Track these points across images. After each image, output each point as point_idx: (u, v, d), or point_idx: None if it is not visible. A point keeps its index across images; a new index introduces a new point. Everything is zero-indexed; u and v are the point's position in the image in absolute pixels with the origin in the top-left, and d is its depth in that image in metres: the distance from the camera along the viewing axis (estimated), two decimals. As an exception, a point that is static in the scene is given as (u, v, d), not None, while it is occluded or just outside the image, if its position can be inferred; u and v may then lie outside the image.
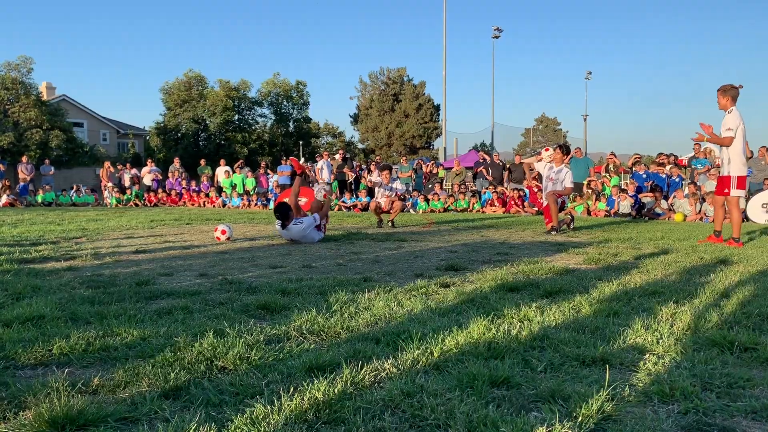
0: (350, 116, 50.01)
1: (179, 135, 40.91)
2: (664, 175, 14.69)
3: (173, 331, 2.50)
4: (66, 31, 71.60)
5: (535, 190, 14.39)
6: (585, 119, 46.83)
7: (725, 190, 6.65)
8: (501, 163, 19.13)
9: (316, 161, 19.65)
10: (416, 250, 5.91)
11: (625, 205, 13.79)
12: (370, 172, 18.30)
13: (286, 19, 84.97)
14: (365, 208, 16.02)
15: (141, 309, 2.96)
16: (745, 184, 6.71)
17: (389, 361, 2.09)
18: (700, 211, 12.57)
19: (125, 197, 20.64)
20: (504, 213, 15.32)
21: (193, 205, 20.21)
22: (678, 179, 14.54)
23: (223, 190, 20.83)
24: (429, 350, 2.22)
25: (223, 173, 21.48)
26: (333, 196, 9.20)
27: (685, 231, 8.94)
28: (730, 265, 4.74)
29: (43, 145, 31.13)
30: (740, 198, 6.92)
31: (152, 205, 20.12)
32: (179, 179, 21.84)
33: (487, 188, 17.20)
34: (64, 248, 5.83)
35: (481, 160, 19.14)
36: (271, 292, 3.41)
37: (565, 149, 9.03)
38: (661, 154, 15.81)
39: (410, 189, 17.40)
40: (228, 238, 6.86)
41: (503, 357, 2.16)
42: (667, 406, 1.76)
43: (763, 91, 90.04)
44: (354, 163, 21.55)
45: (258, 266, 4.69)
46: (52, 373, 2.01)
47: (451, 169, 20.07)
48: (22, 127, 31.05)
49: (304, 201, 9.04)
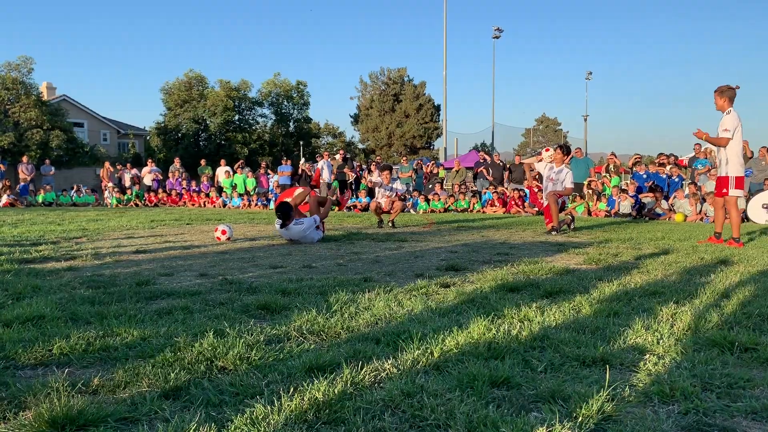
0: (350, 116, 50.06)
1: (180, 135, 40.92)
2: (664, 176, 14.69)
3: (173, 331, 2.50)
4: (66, 31, 71.63)
5: (536, 191, 14.39)
6: (585, 119, 46.84)
7: (723, 191, 6.66)
8: (501, 164, 19.14)
9: (317, 161, 19.68)
10: (416, 251, 5.91)
11: (626, 206, 13.79)
12: (370, 172, 18.30)
13: (286, 19, 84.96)
14: (365, 209, 16.02)
15: (141, 309, 2.96)
16: (743, 184, 6.72)
17: (389, 362, 2.09)
18: (701, 212, 12.56)
19: (126, 197, 20.66)
20: (504, 213, 15.32)
21: (193, 205, 20.21)
22: (678, 179, 14.55)
23: (224, 190, 20.85)
24: (429, 350, 2.22)
25: (223, 173, 21.48)
26: (334, 196, 9.17)
27: (685, 231, 8.94)
28: (731, 266, 4.74)
29: (43, 145, 31.14)
30: (739, 198, 6.94)
31: (152, 205, 20.12)
32: (180, 179, 21.85)
33: (488, 188, 17.21)
34: (65, 248, 5.83)
35: (482, 161, 19.14)
36: (271, 293, 3.41)
37: (565, 149, 9.03)
38: (662, 155, 15.82)
39: (410, 189, 17.40)
40: (228, 239, 6.87)
41: (503, 357, 2.16)
42: (668, 406, 1.76)
43: (763, 92, 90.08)
44: (354, 163, 21.55)
45: (258, 266, 4.69)
46: (52, 373, 2.01)
47: (452, 169, 20.08)
48: (23, 128, 31.07)
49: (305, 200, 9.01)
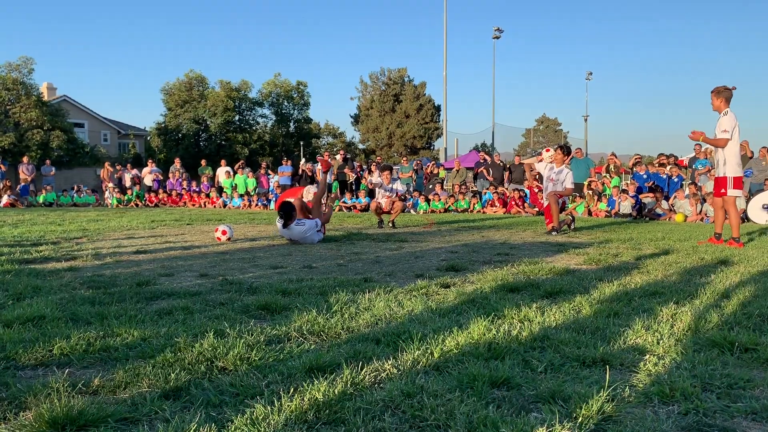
0: (351, 117, 50.05)
1: (180, 135, 40.93)
2: (664, 176, 14.69)
3: (174, 331, 2.50)
4: (66, 31, 71.55)
5: (536, 191, 14.39)
6: (586, 120, 46.86)
7: (722, 191, 6.67)
8: (502, 164, 19.14)
9: (317, 162, 19.68)
10: (417, 251, 5.91)
11: (626, 206, 13.79)
12: (370, 172, 18.31)
13: (286, 20, 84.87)
14: (365, 209, 16.02)
15: (141, 309, 2.96)
16: (741, 184, 6.73)
17: (389, 362, 2.09)
18: (701, 212, 12.56)
19: (126, 198, 20.67)
20: (504, 213, 15.32)
21: (193, 205, 20.22)
22: (678, 179, 14.55)
23: (224, 190, 20.86)
24: (429, 351, 2.22)
25: (223, 174, 21.50)
26: (333, 195, 9.15)
27: (685, 231, 8.94)
28: (731, 266, 4.74)
29: (44, 145, 31.15)
30: (737, 198, 6.94)
31: (153, 205, 20.13)
32: (180, 180, 21.86)
33: (488, 189, 17.21)
34: (65, 248, 5.83)
35: (482, 161, 19.14)
36: (271, 293, 3.41)
37: (565, 150, 9.04)
38: (662, 155, 15.82)
39: (411, 189, 17.41)
40: (228, 239, 6.87)
41: (503, 357, 2.16)
42: (668, 406, 1.76)
43: (763, 92, 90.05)
44: (354, 163, 21.57)
45: (258, 267, 4.69)
46: (52, 373, 2.01)
47: (452, 169, 20.08)
48: (23, 128, 31.08)
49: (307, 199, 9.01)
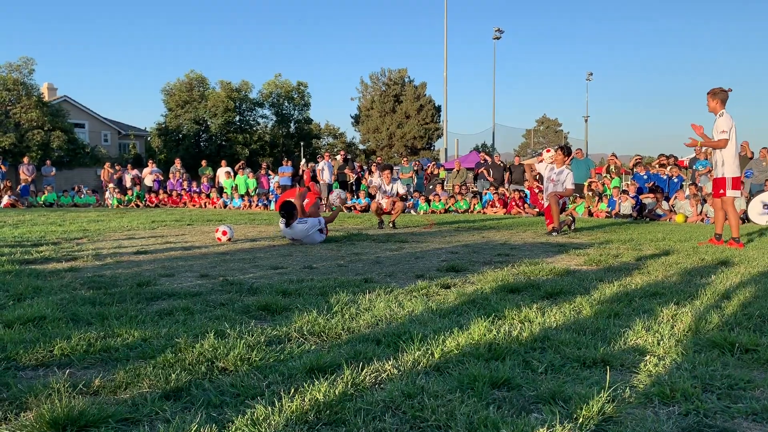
0: (351, 117, 50.02)
1: (180, 136, 40.92)
2: (665, 176, 14.69)
3: (174, 332, 2.50)
4: (67, 32, 71.55)
5: (536, 191, 14.39)
6: (586, 120, 46.78)
7: (720, 191, 6.67)
8: (502, 164, 19.14)
9: (318, 162, 19.69)
10: (417, 251, 5.91)
11: (626, 206, 13.79)
12: (371, 172, 18.32)
13: (286, 20, 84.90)
14: (366, 210, 16.02)
15: (142, 310, 2.96)
16: (739, 184, 6.73)
17: (390, 363, 2.10)
18: (701, 213, 12.56)
19: (126, 198, 20.67)
20: (505, 214, 15.32)
21: (194, 206, 20.22)
22: (678, 180, 14.54)
23: (224, 191, 20.86)
24: (430, 351, 2.22)
25: (224, 174, 21.50)
26: (339, 201, 9.19)
27: (686, 232, 8.94)
28: (731, 267, 4.74)
29: (44, 146, 31.14)
30: (737, 198, 6.93)
31: (153, 206, 20.13)
32: (180, 180, 21.86)
33: (488, 189, 17.20)
34: (66, 249, 5.84)
35: (482, 161, 19.15)
36: (272, 293, 3.41)
37: (566, 150, 9.03)
38: (662, 156, 15.82)
39: (411, 190, 17.41)
40: (229, 239, 6.87)
41: (504, 358, 2.16)
42: (668, 407, 1.76)
43: (763, 92, 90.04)
44: (355, 164, 21.58)
45: (259, 267, 4.69)
46: (53, 374, 2.01)
47: (452, 170, 20.08)
48: (24, 128, 31.08)
49: (305, 201, 9.02)
